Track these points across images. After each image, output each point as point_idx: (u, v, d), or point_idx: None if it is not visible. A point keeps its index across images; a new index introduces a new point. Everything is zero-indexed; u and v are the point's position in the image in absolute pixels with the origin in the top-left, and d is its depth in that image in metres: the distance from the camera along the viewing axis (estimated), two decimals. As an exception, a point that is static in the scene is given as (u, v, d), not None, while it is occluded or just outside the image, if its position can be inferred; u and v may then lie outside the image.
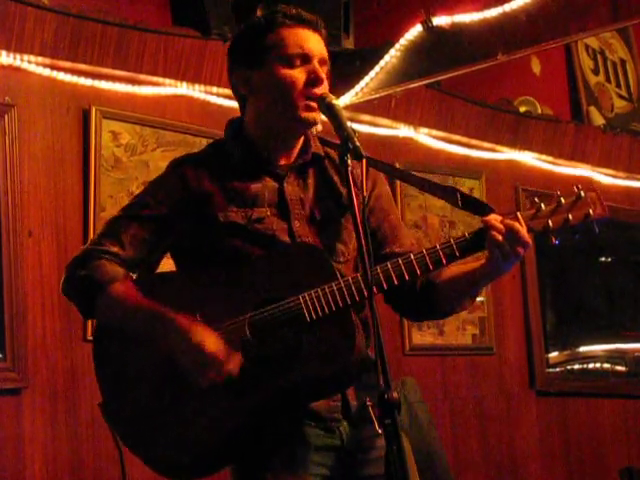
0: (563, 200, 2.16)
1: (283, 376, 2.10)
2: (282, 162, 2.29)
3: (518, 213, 2.16)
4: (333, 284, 2.11)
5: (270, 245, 2.21)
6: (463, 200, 2.21)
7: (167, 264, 2.39)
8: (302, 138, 2.31)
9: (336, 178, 2.31)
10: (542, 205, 2.17)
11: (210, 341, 2.09)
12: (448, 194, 2.22)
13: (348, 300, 2.10)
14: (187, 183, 2.25)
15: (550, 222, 2.16)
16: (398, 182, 4.81)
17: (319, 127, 2.28)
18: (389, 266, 2.14)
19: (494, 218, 2.14)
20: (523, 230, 2.12)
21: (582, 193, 2.16)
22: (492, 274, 2.20)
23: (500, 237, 2.11)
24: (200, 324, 2.12)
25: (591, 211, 2.15)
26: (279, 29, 2.23)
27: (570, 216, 2.15)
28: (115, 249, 2.23)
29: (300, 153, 2.30)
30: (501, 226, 2.12)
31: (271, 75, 2.23)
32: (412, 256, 2.15)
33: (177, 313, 2.13)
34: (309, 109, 2.19)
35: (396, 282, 2.14)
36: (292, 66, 2.21)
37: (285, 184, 2.26)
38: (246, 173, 2.26)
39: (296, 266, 2.16)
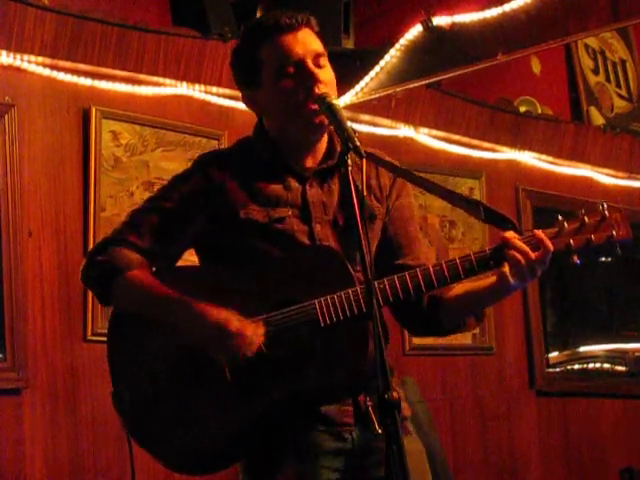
0: (587, 219, 2.12)
1: (294, 379, 2.10)
2: (308, 164, 2.27)
3: (539, 232, 2.12)
4: (350, 290, 2.10)
5: (289, 246, 2.20)
6: (486, 213, 2.15)
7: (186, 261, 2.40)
8: (327, 140, 2.29)
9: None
10: (565, 224, 2.13)
11: (233, 318, 2.09)
12: (471, 206, 2.19)
13: (363, 308, 2.08)
14: (211, 179, 2.24)
15: (572, 241, 2.12)
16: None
17: None
18: (407, 276, 2.12)
19: (514, 235, 2.11)
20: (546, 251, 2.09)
21: (606, 213, 2.13)
22: (501, 292, 2.17)
23: (519, 256, 2.09)
24: (218, 307, 2.11)
25: (614, 233, 2.12)
26: (262, 46, 2.21)
27: (593, 237, 2.11)
28: (134, 239, 2.23)
29: (325, 157, 2.28)
30: (521, 244, 2.10)
31: (271, 93, 2.22)
32: (431, 268, 2.14)
33: (195, 299, 2.13)
34: (317, 113, 2.16)
35: (412, 293, 2.13)
36: (286, 77, 2.19)
37: (308, 187, 2.25)
38: (271, 173, 2.25)
39: (315, 269, 2.15)
